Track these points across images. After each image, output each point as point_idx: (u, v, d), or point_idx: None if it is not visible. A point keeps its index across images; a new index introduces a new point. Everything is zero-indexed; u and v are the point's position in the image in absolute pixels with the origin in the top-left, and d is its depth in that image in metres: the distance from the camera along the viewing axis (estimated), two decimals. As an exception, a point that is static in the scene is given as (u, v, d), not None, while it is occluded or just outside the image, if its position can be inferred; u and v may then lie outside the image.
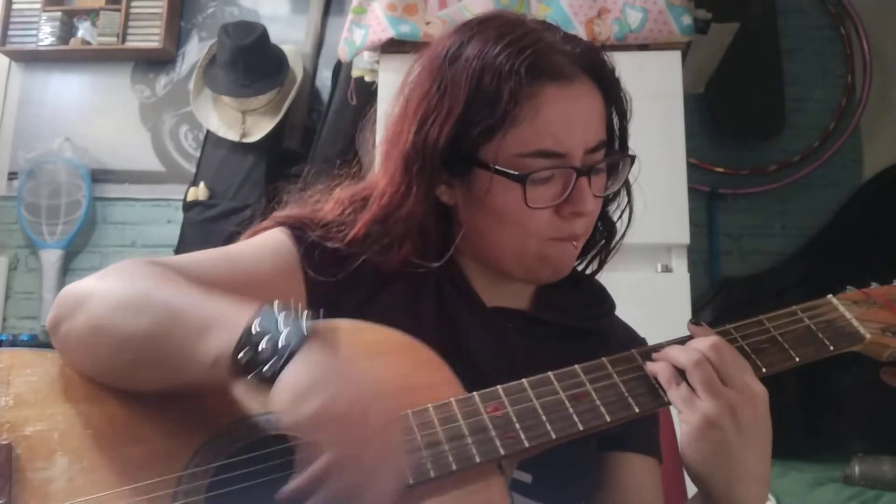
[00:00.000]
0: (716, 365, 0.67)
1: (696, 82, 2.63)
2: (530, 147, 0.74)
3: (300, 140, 2.92)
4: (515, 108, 0.73)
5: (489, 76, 0.74)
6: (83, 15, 3.21)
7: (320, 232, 0.80)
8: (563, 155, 0.75)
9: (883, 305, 0.78)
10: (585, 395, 0.68)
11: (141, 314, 0.63)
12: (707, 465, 0.67)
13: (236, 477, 0.62)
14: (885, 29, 2.92)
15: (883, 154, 2.88)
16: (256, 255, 0.79)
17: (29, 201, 3.13)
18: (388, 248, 0.79)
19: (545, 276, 0.82)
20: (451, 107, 0.75)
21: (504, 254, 0.80)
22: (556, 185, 0.76)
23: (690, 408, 0.66)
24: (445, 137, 0.75)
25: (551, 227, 0.77)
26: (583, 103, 0.76)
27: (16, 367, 0.66)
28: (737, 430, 0.65)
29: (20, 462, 0.60)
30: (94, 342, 0.65)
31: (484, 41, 0.76)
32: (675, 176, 2.01)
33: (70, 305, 0.66)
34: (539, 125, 0.74)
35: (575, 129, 0.75)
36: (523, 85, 0.73)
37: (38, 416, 0.63)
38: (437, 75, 0.78)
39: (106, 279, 0.68)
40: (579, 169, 0.75)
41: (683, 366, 0.68)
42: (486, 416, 0.66)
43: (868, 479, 1.98)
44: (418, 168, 0.77)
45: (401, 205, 0.78)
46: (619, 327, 0.94)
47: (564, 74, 0.75)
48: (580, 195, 0.76)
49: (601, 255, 0.90)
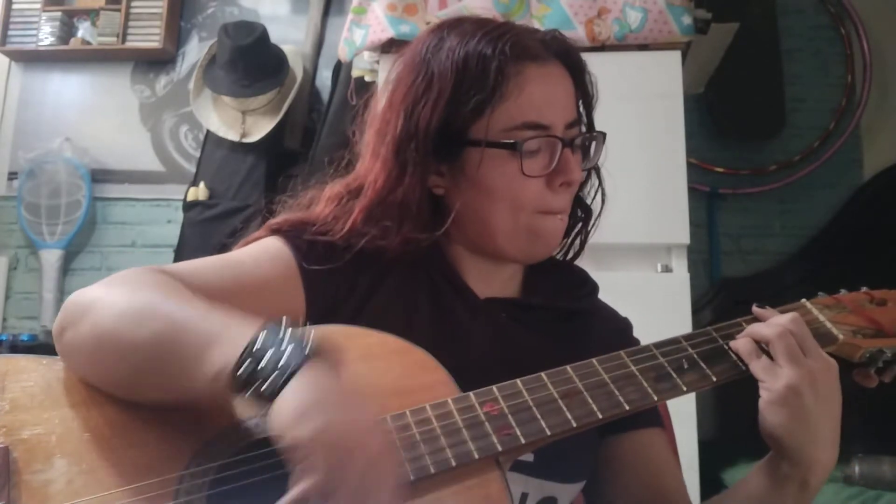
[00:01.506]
0: (797, 336, 0.72)
1: (696, 82, 2.63)
2: (517, 120, 0.79)
3: (300, 140, 2.92)
4: (503, 84, 0.79)
5: (474, 60, 0.79)
6: (83, 15, 3.21)
7: (315, 229, 0.82)
8: (548, 127, 0.80)
9: (852, 311, 0.82)
10: (577, 393, 0.70)
11: (143, 326, 0.63)
12: (787, 429, 0.70)
13: (236, 479, 0.62)
14: (885, 29, 2.92)
15: (883, 154, 2.88)
16: (254, 262, 0.79)
17: (29, 201, 3.13)
18: (388, 231, 0.81)
19: (537, 252, 0.85)
20: (440, 91, 0.80)
21: (497, 232, 0.83)
22: (543, 156, 0.81)
23: (773, 376, 0.71)
24: (436, 120, 0.80)
25: (541, 199, 0.81)
26: (559, 82, 0.83)
27: (11, 372, 0.66)
28: (815, 397, 0.70)
29: (18, 465, 0.60)
30: (97, 351, 0.65)
31: (462, 34, 0.82)
32: (675, 176, 2.00)
33: (75, 313, 0.67)
34: (524, 99, 0.79)
35: (555, 104, 0.81)
36: (509, 62, 0.79)
37: (34, 420, 0.63)
38: (421, 68, 0.82)
39: (111, 288, 0.68)
40: (564, 140, 0.81)
41: (768, 338, 0.73)
42: (482, 414, 0.67)
43: (868, 479, 1.99)
44: (411, 151, 0.80)
45: (396, 188, 0.81)
46: (604, 308, 0.97)
47: (541, 55, 0.81)
48: (567, 164, 0.81)
49: (581, 236, 0.93)
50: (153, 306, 0.65)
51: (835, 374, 0.72)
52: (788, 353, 0.71)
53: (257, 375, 0.58)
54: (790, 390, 0.70)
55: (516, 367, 0.73)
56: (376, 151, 0.84)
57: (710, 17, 2.21)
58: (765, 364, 0.72)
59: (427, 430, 0.65)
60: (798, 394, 0.70)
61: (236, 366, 0.58)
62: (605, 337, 0.90)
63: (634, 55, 2.09)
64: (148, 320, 0.63)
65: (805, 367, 0.71)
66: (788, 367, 0.71)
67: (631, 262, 2.00)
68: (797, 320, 0.74)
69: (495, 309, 0.86)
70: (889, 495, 1.94)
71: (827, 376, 0.71)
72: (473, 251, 0.86)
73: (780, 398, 0.70)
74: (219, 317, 0.63)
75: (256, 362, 0.58)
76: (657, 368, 0.73)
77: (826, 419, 0.71)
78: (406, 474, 0.62)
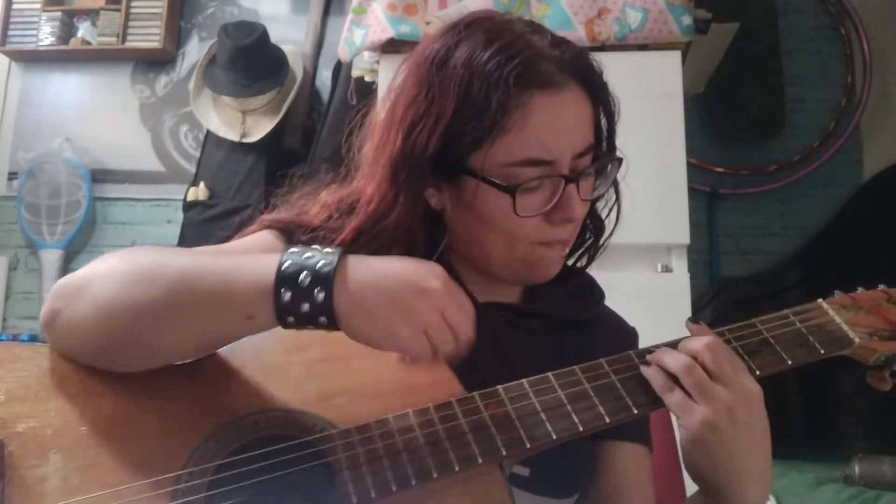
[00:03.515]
0: (708, 365, 0.68)
1: (696, 82, 2.63)
2: (518, 156, 0.74)
3: (300, 140, 2.92)
4: (504, 118, 0.73)
5: (478, 84, 0.73)
6: (83, 15, 3.21)
7: (307, 237, 0.80)
8: (552, 162, 0.75)
9: (869, 310, 0.80)
10: (585, 396, 0.69)
11: (153, 283, 0.61)
12: (707, 467, 0.67)
13: (236, 476, 0.61)
14: (885, 29, 2.92)
15: (883, 154, 2.87)
16: (246, 252, 0.78)
17: (29, 201, 3.13)
18: (377, 254, 0.79)
19: (532, 280, 0.83)
20: (439, 115, 0.75)
21: (491, 258, 0.80)
22: (544, 192, 0.76)
23: (687, 413, 0.67)
24: (434, 146, 0.75)
25: (539, 232, 0.78)
26: (571, 110, 0.76)
27: (5, 361, 0.64)
28: (734, 431, 0.66)
29: (13, 460, 0.59)
30: (103, 320, 0.62)
31: (472, 46, 0.75)
32: (675, 176, 2.01)
33: (69, 293, 0.64)
34: (527, 134, 0.73)
35: (562, 136, 0.75)
36: (512, 94, 0.72)
37: (30, 412, 0.62)
38: (425, 81, 0.77)
39: (104, 262, 0.65)
40: (567, 176, 0.75)
41: (675, 371, 0.68)
42: (486, 416, 0.66)
43: (868, 479, 1.98)
44: (406, 175, 0.77)
45: (388, 212, 0.78)
46: (609, 316, 0.95)
47: (553, 82, 0.74)
48: (568, 202, 0.76)
49: (590, 252, 0.91)
50: (157, 265, 0.63)
51: (757, 401, 0.67)
52: (698, 388, 0.67)
53: (300, 292, 0.59)
54: (705, 427, 0.65)
55: (513, 372, 0.71)
56: (373, 171, 0.81)
57: (710, 17, 2.21)
58: (679, 399, 0.67)
59: (430, 433, 0.64)
60: (715, 429, 0.65)
61: (275, 292, 0.59)
62: (607, 347, 0.88)
63: (634, 55, 2.09)
64: (155, 278, 0.62)
65: (720, 401, 0.66)
66: (702, 402, 0.66)
67: (631, 262, 2.00)
68: (712, 345, 0.69)
69: (494, 313, 0.84)
70: (889, 495, 1.94)
71: (746, 407, 0.66)
72: (470, 264, 0.85)
73: (697, 436, 0.66)
74: (228, 260, 0.63)
75: (293, 281, 0.59)
76: None
77: (749, 452, 0.67)
78: (408, 478, 0.61)
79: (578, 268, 0.91)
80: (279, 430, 0.65)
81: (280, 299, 0.59)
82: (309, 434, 0.64)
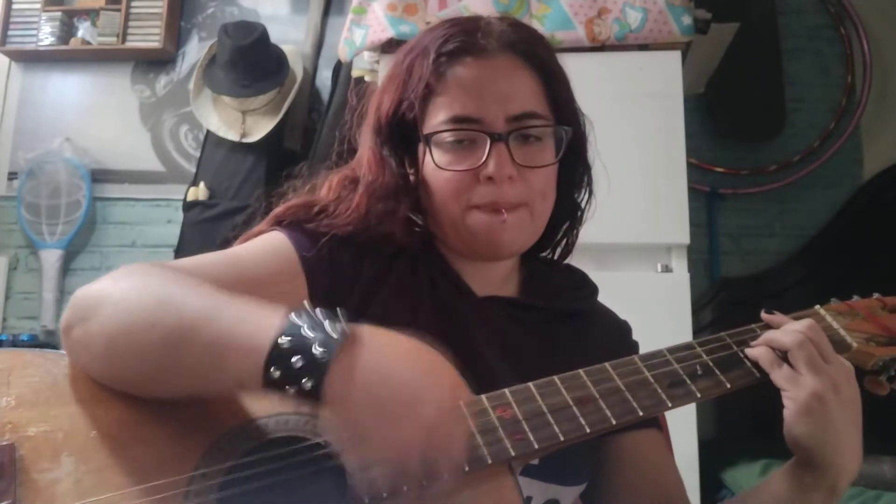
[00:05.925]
0: (816, 343, 0.72)
1: (696, 82, 2.63)
2: (448, 113, 0.81)
3: (300, 140, 2.92)
4: (437, 83, 0.81)
5: (420, 57, 0.83)
6: (83, 15, 3.21)
7: (322, 221, 0.83)
8: (478, 121, 0.80)
9: (865, 317, 0.82)
10: (591, 399, 0.70)
11: (153, 328, 0.61)
12: (813, 438, 0.70)
13: (247, 479, 0.61)
14: (885, 29, 2.93)
15: (883, 154, 2.88)
16: (256, 258, 0.79)
17: (29, 201, 3.13)
18: (388, 215, 0.83)
19: (482, 250, 0.84)
20: (396, 87, 0.85)
21: (444, 227, 0.84)
22: (477, 151, 0.80)
23: (795, 385, 0.70)
24: (390, 112, 0.84)
25: (473, 192, 0.81)
26: (502, 74, 0.81)
27: (16, 367, 0.64)
28: (839, 404, 0.70)
29: (24, 463, 0.59)
30: (107, 350, 0.63)
31: (431, 31, 0.86)
32: (675, 176, 2.01)
33: (83, 309, 0.65)
34: (454, 93, 0.81)
35: (488, 97, 0.80)
36: (442, 63, 0.81)
37: (41, 416, 0.62)
38: (394, 64, 0.88)
39: (118, 283, 0.66)
40: (491, 133, 0.79)
41: (787, 346, 0.72)
42: (495, 418, 0.66)
43: (868, 479, 1.98)
44: (381, 140, 0.86)
45: (383, 171, 0.85)
46: (603, 310, 0.97)
47: (485, 49, 0.82)
48: (492, 159, 0.79)
49: (567, 238, 0.94)
50: (162, 304, 0.62)
51: (853, 378, 0.72)
52: (809, 361, 0.71)
53: (290, 375, 0.55)
54: (815, 399, 0.69)
55: (516, 366, 0.73)
56: (364, 140, 0.89)
57: (710, 17, 2.21)
58: (787, 373, 0.72)
59: None
60: (823, 402, 0.69)
61: (266, 368, 0.56)
62: (603, 338, 0.91)
63: (634, 55, 2.09)
64: (159, 322, 0.61)
65: (827, 375, 0.70)
66: (811, 375, 0.70)
67: (631, 262, 2.01)
68: (814, 327, 0.74)
69: (494, 307, 0.86)
70: (889, 495, 1.94)
71: (848, 381, 0.71)
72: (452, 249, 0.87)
73: (806, 407, 0.69)
74: (233, 309, 0.61)
75: (286, 361, 0.56)
76: (671, 375, 0.73)
77: (850, 425, 0.71)
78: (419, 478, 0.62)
79: (569, 263, 0.95)
80: (290, 433, 0.65)
81: (269, 376, 0.56)
82: (320, 436, 0.65)
